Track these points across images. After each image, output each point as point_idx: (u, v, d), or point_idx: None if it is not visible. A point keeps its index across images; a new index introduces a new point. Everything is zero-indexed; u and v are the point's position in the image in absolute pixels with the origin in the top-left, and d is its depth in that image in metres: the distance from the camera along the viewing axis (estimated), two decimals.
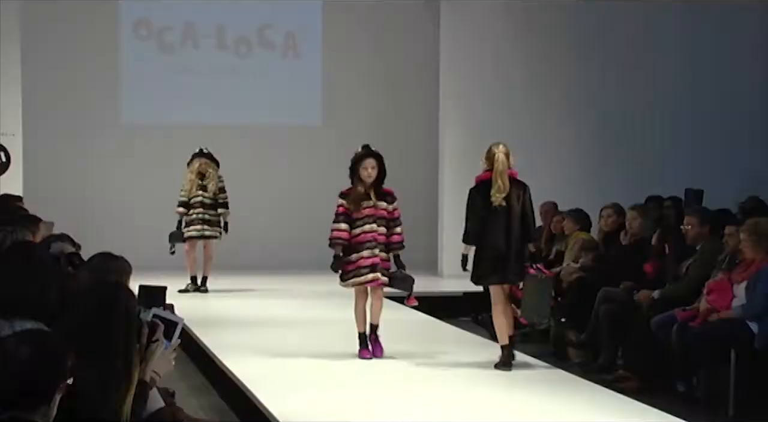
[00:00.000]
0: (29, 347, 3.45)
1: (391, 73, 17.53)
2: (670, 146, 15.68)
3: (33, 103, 15.39)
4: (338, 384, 8.52)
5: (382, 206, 9.24)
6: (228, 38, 17.41)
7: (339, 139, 16.10)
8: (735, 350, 8.37)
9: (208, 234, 13.72)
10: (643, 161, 15.41)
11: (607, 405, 7.82)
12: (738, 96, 15.93)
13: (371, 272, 9.12)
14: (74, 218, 13.09)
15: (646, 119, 15.68)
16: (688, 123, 15.72)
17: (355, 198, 9.20)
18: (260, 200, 16.61)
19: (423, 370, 9.08)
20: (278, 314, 12.27)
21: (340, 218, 9.22)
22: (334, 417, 7.33)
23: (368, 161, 9.27)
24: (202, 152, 13.81)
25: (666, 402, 8.12)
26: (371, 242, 9.13)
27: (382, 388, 8.41)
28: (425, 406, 7.76)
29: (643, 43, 15.72)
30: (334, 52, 17.46)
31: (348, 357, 9.78)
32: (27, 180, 14.66)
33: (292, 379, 8.55)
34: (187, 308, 11.78)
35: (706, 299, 8.74)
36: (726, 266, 9.03)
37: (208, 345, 9.93)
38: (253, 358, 9.31)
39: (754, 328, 8.37)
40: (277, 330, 11.14)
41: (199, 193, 13.64)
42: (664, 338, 8.80)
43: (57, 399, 3.51)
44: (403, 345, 10.28)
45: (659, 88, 15.73)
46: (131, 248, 12.16)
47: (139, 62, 17.11)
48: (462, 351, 10.05)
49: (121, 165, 16.84)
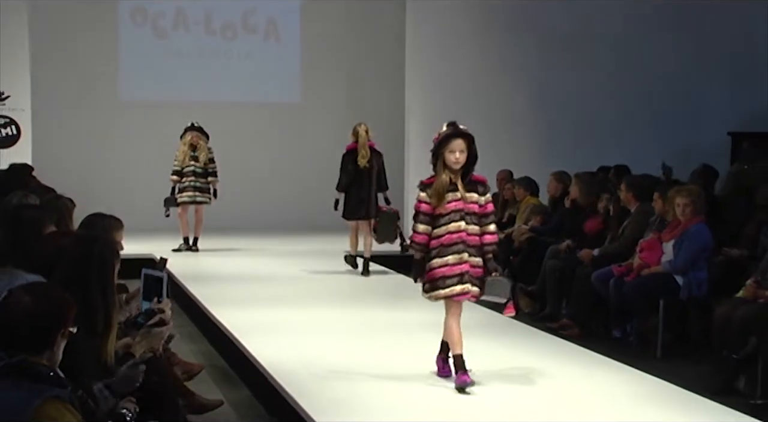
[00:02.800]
0: (30, 298, 3.48)
1: (362, 55, 17.56)
2: (608, 121, 15.78)
3: (41, 82, 15.35)
4: (318, 332, 8.47)
5: (472, 198, 6.55)
6: (215, 24, 17.35)
7: (316, 113, 16.18)
8: (663, 300, 8.50)
9: (199, 200, 13.74)
10: (586, 133, 15.48)
11: (552, 349, 7.89)
12: (664, 78, 16.00)
13: (459, 284, 6.51)
14: (78, 185, 13.06)
15: (587, 98, 15.73)
16: (627, 103, 15.81)
17: (439, 189, 6.50)
18: (246, 169, 16.62)
19: (391, 319, 9.12)
20: (261, 270, 12.29)
21: (420, 217, 6.60)
22: (312, 360, 7.32)
23: (456, 142, 6.51)
24: (194, 126, 13.80)
25: (603, 346, 8.23)
26: (458, 245, 6.49)
27: (356, 335, 8.40)
28: (388, 349, 7.79)
29: (581, 32, 15.74)
30: (311, 36, 17.46)
31: (327, 307, 9.86)
32: (35, 151, 14.64)
33: (273, 328, 8.55)
34: (180, 266, 11.94)
35: (639, 256, 8.86)
36: (656, 227, 9.16)
37: (199, 297, 9.97)
38: (239, 309, 9.31)
39: (679, 281, 8.49)
40: (260, 284, 11.16)
41: (191, 163, 13.65)
42: (602, 290, 8.93)
43: (61, 344, 3.55)
44: (375, 298, 10.42)
45: (599, 71, 15.78)
46: (130, 212, 12.29)
47: (135, 46, 17.05)
48: (425, 304, 10.09)
49: (120, 138, 16.82)
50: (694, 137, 15.70)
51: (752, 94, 15.98)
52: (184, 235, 13.89)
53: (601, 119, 15.78)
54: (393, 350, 7.83)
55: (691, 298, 8.45)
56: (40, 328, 3.47)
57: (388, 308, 9.75)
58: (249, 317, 8.97)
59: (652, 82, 15.93)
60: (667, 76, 15.98)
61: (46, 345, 3.49)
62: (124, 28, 17.08)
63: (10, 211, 6.77)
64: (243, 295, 10.31)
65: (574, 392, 6.44)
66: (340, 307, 9.93)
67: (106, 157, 16.73)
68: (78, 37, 16.61)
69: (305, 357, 7.43)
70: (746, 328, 7.37)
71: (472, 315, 8.73)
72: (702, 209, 8.69)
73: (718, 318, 7.66)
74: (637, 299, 8.66)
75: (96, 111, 16.77)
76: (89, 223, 5.96)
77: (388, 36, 17.03)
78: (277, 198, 16.84)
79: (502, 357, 7.57)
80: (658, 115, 15.92)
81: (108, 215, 5.94)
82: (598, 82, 15.67)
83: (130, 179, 16.57)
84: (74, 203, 7.53)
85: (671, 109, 15.99)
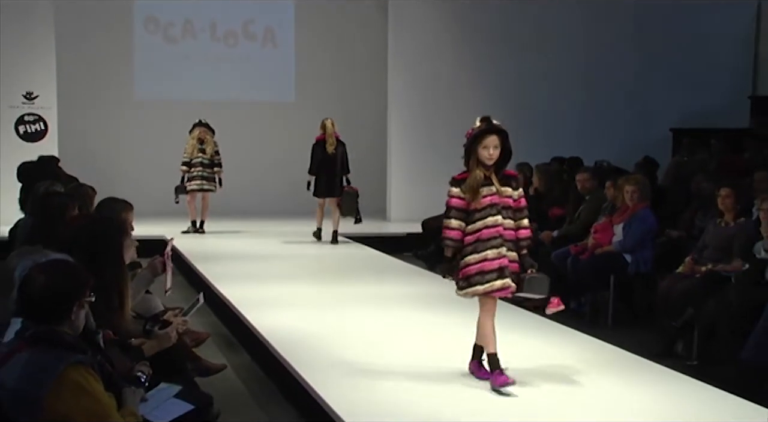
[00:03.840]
0: (45, 275, 3.46)
1: (350, 59, 17.55)
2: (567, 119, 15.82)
3: (65, 83, 15.27)
4: (312, 305, 8.46)
5: (507, 193, 5.73)
6: (219, 32, 17.28)
7: (309, 111, 16.13)
8: (614, 276, 8.55)
9: (206, 188, 13.70)
10: (547, 129, 15.50)
11: (513, 319, 7.88)
12: (615, 81, 16.04)
13: (499, 278, 5.64)
14: (98, 175, 13.05)
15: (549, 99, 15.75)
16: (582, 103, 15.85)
17: (473, 184, 5.68)
18: (247, 160, 16.59)
19: (378, 293, 9.12)
20: (260, 250, 12.28)
21: (452, 212, 5.73)
22: (304, 328, 7.33)
23: (490, 138, 5.66)
24: (201, 122, 13.77)
25: (561, 317, 8.11)
26: (497, 239, 5.66)
27: (344, 306, 8.39)
28: (372, 318, 7.79)
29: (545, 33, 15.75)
30: (304, 43, 17.43)
31: (317, 282, 9.86)
32: (61, 144, 14.58)
33: (271, 300, 8.54)
34: (189, 246, 11.94)
35: (593, 237, 8.91)
36: (608, 211, 9.20)
37: (205, 273, 9.98)
38: (241, 284, 9.31)
39: (628, 259, 8.55)
40: (260, 263, 11.15)
41: (198, 155, 13.61)
42: (561, 267, 8.97)
43: (81, 314, 3.53)
44: (361, 274, 10.41)
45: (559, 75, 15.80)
46: (144, 198, 12.28)
47: (148, 51, 16.98)
48: (404, 279, 10.18)
49: (135, 133, 16.78)
50: (641, 132, 15.77)
51: (692, 95, 16.07)
52: (192, 219, 13.87)
53: (560, 116, 15.81)
54: (377, 319, 7.84)
55: (638, 274, 8.51)
56: (57, 301, 3.46)
57: (372, 284, 9.75)
58: (249, 291, 8.97)
59: (604, 84, 15.98)
60: (618, 79, 16.04)
61: (65, 316, 3.47)
62: (139, 36, 17.00)
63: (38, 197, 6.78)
64: (244, 272, 10.30)
65: (535, 358, 6.45)
66: (329, 282, 9.94)
67: (123, 149, 16.68)
68: (97, 44, 16.55)
69: (299, 326, 7.44)
70: (684, 299, 7.42)
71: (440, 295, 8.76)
72: (647, 196, 8.74)
73: (660, 291, 7.72)
74: (591, 275, 8.70)
75: (114, 109, 16.73)
76: (102, 206, 5.97)
77: (373, 43, 17.03)
78: (275, 186, 16.82)
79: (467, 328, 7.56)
80: (609, 113, 15.97)
81: (118, 199, 5.93)
82: (558, 85, 15.71)
83: (144, 169, 16.51)
84: (95, 190, 7.53)
85: (621, 108, 16.04)
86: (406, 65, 15.51)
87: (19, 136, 14.50)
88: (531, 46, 15.65)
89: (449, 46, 15.56)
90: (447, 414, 5.20)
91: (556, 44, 15.77)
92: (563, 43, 15.75)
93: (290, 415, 6.05)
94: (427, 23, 15.49)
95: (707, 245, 7.81)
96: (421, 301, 8.66)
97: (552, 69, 15.73)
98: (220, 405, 4.99)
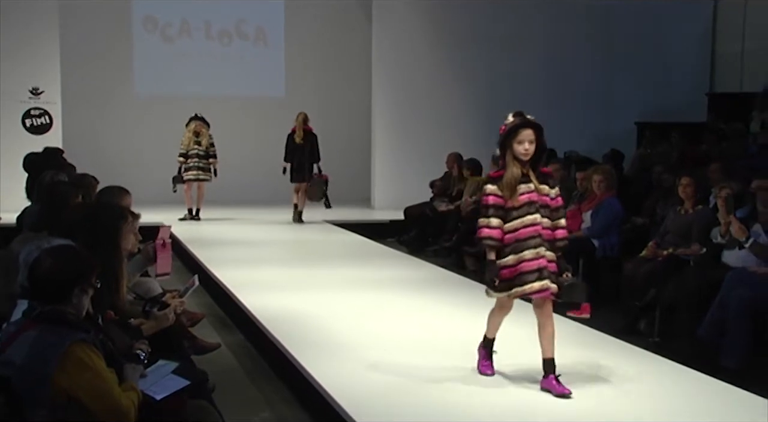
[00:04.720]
0: (50, 258, 3.46)
1: (337, 56, 17.51)
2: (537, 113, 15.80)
3: (69, 79, 15.21)
4: (302, 287, 8.44)
5: (545, 190, 5.15)
6: (213, 31, 17.22)
7: (297, 106, 16.01)
8: (582, 259, 8.55)
9: (201, 178, 13.68)
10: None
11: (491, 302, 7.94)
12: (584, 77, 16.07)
13: (538, 280, 5.07)
14: (100, 166, 12.98)
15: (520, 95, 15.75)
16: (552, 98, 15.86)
17: (511, 181, 5.09)
18: (240, 151, 16.55)
19: (363, 276, 9.11)
20: (252, 236, 12.27)
21: (490, 211, 5.13)
22: (297, 310, 7.32)
23: (525, 132, 5.18)
24: (197, 116, 13.75)
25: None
26: (536, 239, 5.07)
27: (331, 288, 8.37)
28: (359, 299, 7.79)
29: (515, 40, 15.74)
30: (294, 41, 17.39)
31: (305, 266, 9.85)
32: (65, 137, 14.53)
33: (262, 283, 8.53)
34: (185, 232, 11.92)
35: None
36: (578, 199, 9.22)
37: (200, 257, 9.98)
38: (234, 267, 9.30)
39: (596, 244, 8.56)
40: (251, 247, 11.13)
41: (194, 147, 13.59)
42: None
43: (82, 296, 3.51)
44: (347, 258, 10.42)
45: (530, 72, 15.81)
46: (143, 188, 12.24)
47: (147, 49, 16.90)
48: (387, 263, 10.19)
49: (134, 126, 16.73)
50: (607, 125, 15.82)
51: (655, 91, 16.12)
52: (189, 207, 13.84)
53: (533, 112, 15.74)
54: (362, 299, 7.85)
55: (605, 257, 8.52)
56: (58, 283, 3.44)
57: (358, 267, 9.73)
58: (242, 274, 8.96)
59: (574, 80, 15.99)
60: (586, 75, 16.06)
61: (65, 297, 3.46)
62: (138, 35, 16.90)
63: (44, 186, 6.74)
64: (237, 256, 10.29)
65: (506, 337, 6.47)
66: (317, 266, 9.92)
67: (124, 141, 16.61)
68: (99, 43, 16.46)
69: (289, 307, 7.43)
70: (647, 281, 7.47)
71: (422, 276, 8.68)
72: (614, 185, 8.76)
73: (625, 273, 7.76)
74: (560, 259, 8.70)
75: (115, 103, 16.65)
76: (102, 193, 5.95)
77: (358, 42, 17.00)
78: (265, 175, 16.75)
79: (445, 308, 7.58)
80: (578, 107, 15.98)
81: (117, 187, 5.91)
82: (529, 82, 15.70)
83: (143, 160, 16.45)
84: (97, 180, 7.49)
85: (589, 102, 16.07)
86: (388, 62, 15.49)
87: (26, 129, 14.46)
88: (502, 47, 15.65)
89: (427, 44, 15.55)
90: (433, 386, 5.22)
91: (526, 46, 15.76)
92: (532, 44, 15.76)
93: (281, 391, 6.06)
94: (408, 23, 15.48)
95: (668, 230, 7.84)
96: (404, 283, 8.67)
97: (522, 68, 15.71)
98: (214, 381, 5.00)
